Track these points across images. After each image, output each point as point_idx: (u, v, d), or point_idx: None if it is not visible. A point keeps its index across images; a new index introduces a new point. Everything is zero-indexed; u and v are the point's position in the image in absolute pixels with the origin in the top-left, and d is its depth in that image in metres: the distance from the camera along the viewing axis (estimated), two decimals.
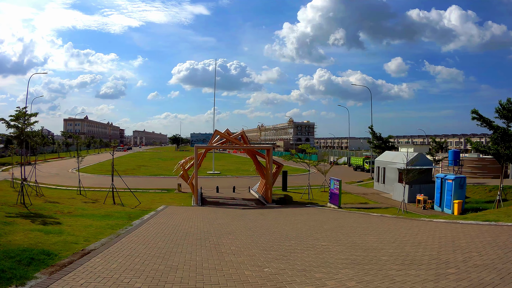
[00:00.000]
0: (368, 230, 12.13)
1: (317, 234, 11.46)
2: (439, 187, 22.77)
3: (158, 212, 17.25)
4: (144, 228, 11.76)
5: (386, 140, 37.62)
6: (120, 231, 10.87)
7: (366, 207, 22.18)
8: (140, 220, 13.64)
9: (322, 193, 28.61)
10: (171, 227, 12.59)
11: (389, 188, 29.26)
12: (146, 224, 12.78)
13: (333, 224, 14.27)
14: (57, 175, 39.55)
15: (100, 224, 12.22)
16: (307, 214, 18.27)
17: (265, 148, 24.78)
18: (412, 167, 27.17)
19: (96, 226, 11.83)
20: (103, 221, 13.13)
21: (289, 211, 19.54)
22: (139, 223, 12.77)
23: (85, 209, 18.18)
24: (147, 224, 12.69)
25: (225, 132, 24.79)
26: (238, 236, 10.89)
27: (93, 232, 10.36)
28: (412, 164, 27.44)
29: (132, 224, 12.51)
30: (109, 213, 16.23)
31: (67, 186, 28.56)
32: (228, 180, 37.46)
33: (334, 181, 22.23)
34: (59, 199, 21.76)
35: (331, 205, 22.11)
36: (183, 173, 26.19)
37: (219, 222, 14.32)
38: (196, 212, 18.06)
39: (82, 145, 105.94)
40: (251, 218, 16.23)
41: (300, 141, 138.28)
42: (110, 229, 11.11)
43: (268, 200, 23.51)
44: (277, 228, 13.17)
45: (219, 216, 16.47)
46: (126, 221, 13.28)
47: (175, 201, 23.61)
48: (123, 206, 20.36)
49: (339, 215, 17.72)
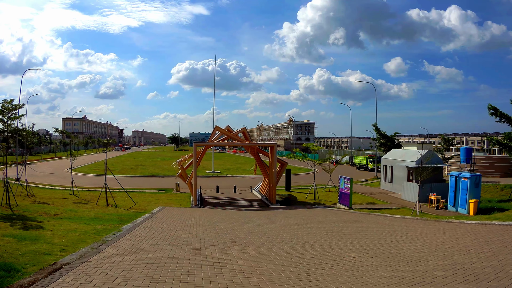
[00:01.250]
0: (396, 235, 10.68)
1: (339, 241, 10.01)
2: (453, 185, 21.47)
3: (153, 214, 15.85)
4: (134, 235, 10.29)
5: (392, 138, 36.16)
6: (106, 237, 9.42)
7: (376, 208, 20.79)
8: (131, 224, 12.19)
9: (327, 193, 27.25)
10: (166, 232, 11.09)
11: (397, 188, 27.96)
12: (138, 229, 11.33)
13: (352, 228, 12.86)
14: (52, 174, 38.25)
15: (86, 229, 10.80)
16: (318, 216, 16.80)
17: (269, 145, 23.25)
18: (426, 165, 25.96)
19: (81, 231, 10.41)
20: (90, 225, 11.71)
21: (297, 213, 18.06)
22: (130, 228, 11.33)
23: (74, 210, 16.79)
24: (139, 229, 11.24)
25: (226, 128, 23.34)
26: (245, 245, 9.36)
27: (74, 239, 8.94)
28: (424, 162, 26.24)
29: (121, 229, 11.06)
30: (99, 216, 14.81)
31: (60, 186, 27.24)
32: (228, 180, 36.15)
33: (344, 180, 20.74)
34: (49, 200, 20.51)
35: (341, 206, 20.64)
36: (181, 172, 24.76)
37: (221, 227, 12.86)
38: (195, 214, 16.64)
39: (80, 144, 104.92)
40: (257, 222, 14.79)
41: (300, 140, 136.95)
42: (95, 235, 9.69)
43: (272, 200, 22.04)
44: (289, 233, 11.71)
45: (220, 219, 15.00)
46: (116, 225, 11.84)
47: (172, 201, 22.22)
48: (116, 207, 19.06)
49: (354, 217, 16.24)
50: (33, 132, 71.14)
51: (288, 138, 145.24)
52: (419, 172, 20.05)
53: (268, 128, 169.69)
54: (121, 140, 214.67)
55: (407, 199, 24.36)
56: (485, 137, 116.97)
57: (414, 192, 24.05)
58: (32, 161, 53.24)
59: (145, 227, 11.85)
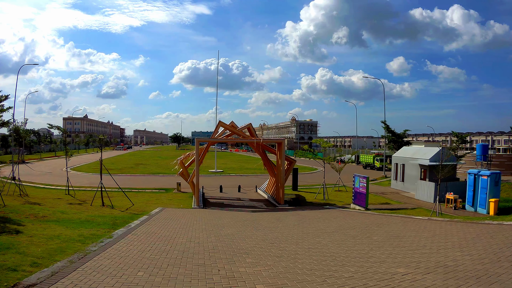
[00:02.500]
0: (437, 241, 9.14)
1: (374, 251, 8.36)
2: (471, 184, 20.18)
3: (151, 216, 14.42)
4: (126, 243, 8.79)
5: (402, 135, 34.57)
6: (92, 246, 7.95)
7: (391, 208, 19.29)
8: (125, 229, 10.75)
9: (336, 193, 25.78)
10: (163, 240, 9.48)
11: (410, 187, 26.49)
12: (131, 234, 9.87)
13: (381, 233, 11.24)
14: (49, 173, 37.06)
15: (71, 235, 9.35)
16: (335, 219, 15.25)
17: (276, 141, 21.65)
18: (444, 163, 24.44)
19: (64, 237, 8.97)
20: (77, 230, 10.28)
21: (309, 215, 16.51)
22: (122, 234, 9.86)
23: (65, 212, 15.42)
24: (133, 235, 9.77)
25: (230, 124, 21.88)
26: (261, 258, 7.57)
27: (53, 249, 7.49)
28: (436, 159, 24.79)
29: (112, 235, 9.59)
30: (91, 218, 13.38)
31: (56, 186, 26.05)
32: (231, 179, 34.84)
33: (359, 178, 19.16)
34: (42, 200, 19.31)
35: (356, 206, 19.11)
36: (183, 170, 23.33)
37: (228, 233, 11.23)
38: (197, 217, 15.19)
39: (81, 143, 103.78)
40: (267, 225, 13.25)
41: (303, 139, 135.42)
42: (79, 243, 8.24)
43: (280, 201, 20.55)
44: (309, 241, 10.02)
45: (225, 223, 13.48)
46: (107, 230, 10.40)
47: (173, 202, 20.83)
48: (112, 208, 17.70)
49: (376, 219, 14.64)
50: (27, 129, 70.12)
51: (291, 137, 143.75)
52: (434, 170, 18.60)
53: (270, 128, 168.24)
54: (123, 139, 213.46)
55: (421, 199, 22.96)
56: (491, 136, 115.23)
57: (429, 191, 22.64)
58: (31, 160, 53.00)
59: (140, 232, 10.38)
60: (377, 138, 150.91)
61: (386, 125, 35.28)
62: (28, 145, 70.23)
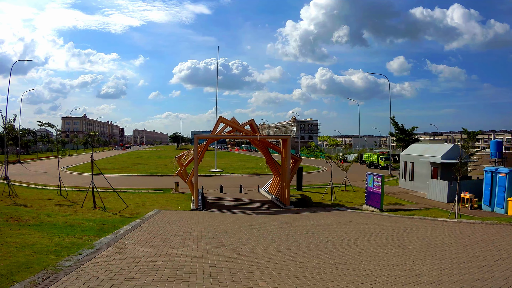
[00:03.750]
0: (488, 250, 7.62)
1: (421, 266, 6.59)
2: (488, 182, 18.94)
3: (145, 220, 13.03)
4: (107, 256, 7.32)
5: (410, 132, 33.16)
6: (65, 261, 6.52)
7: (404, 209, 17.92)
8: (112, 236, 9.35)
9: (343, 193, 24.42)
10: (154, 252, 7.87)
11: (420, 186, 25.15)
12: (117, 244, 8.45)
13: (415, 241, 9.32)
14: (44, 173, 35.89)
15: (48, 244, 7.95)
16: (350, 222, 13.69)
17: (281, 138, 20.14)
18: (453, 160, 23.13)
19: (39, 247, 7.58)
20: (57, 237, 8.89)
21: (320, 218, 15.06)
22: (107, 243, 8.45)
23: (51, 215, 14.08)
24: (119, 245, 8.36)
25: (231, 121, 20.52)
26: (276, 279, 5.94)
27: (19, 263, 6.08)
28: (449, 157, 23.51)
29: (94, 244, 8.14)
30: (77, 222, 12.01)
31: (49, 186, 24.94)
32: (232, 179, 33.51)
33: (373, 177, 17.73)
34: (31, 201, 18.11)
35: (369, 208, 17.68)
36: (181, 169, 21.97)
37: (231, 241, 9.57)
38: (195, 220, 13.79)
39: (79, 143, 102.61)
40: (276, 231, 11.69)
41: (304, 139, 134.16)
42: (53, 256, 6.83)
43: (285, 202, 19.15)
44: (332, 252, 8.27)
45: (228, 228, 12.01)
46: (91, 238, 9.00)
47: (170, 203, 19.47)
48: (104, 210, 16.35)
49: (397, 222, 12.98)
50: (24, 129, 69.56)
51: (291, 136, 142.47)
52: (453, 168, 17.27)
53: (270, 127, 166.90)
54: (122, 139, 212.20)
55: (434, 199, 21.68)
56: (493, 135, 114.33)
57: (442, 190, 21.34)
58: (27, 160, 52.23)
59: (128, 241, 8.95)
60: (378, 137, 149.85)
61: (394, 122, 33.83)
62: (24, 144, 69.40)
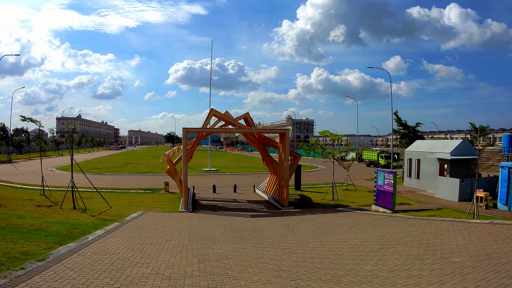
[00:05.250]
0: None
1: None
2: (505, 179, 17.43)
3: (124, 223, 11.37)
4: (53, 274, 5.56)
5: (414, 129, 31.62)
6: None
7: (414, 209, 16.34)
8: (75, 244, 7.66)
9: (345, 192, 22.84)
10: (115, 270, 6.04)
11: (426, 184, 23.64)
12: (76, 256, 6.76)
13: (458, 251, 7.47)
14: (33, 173, 34.46)
15: None
16: (364, 227, 11.92)
17: (279, 131, 18.26)
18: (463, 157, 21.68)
19: None
20: (11, 244, 7.20)
21: (326, 221, 13.42)
22: (65, 253, 6.76)
23: (22, 216, 12.53)
24: (77, 257, 6.67)
25: (224, 114, 18.82)
26: None
27: None
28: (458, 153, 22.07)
29: (47, 256, 6.40)
30: (45, 226, 10.36)
31: (34, 185, 23.46)
32: (226, 178, 31.90)
33: (384, 174, 16.04)
34: (10, 201, 16.96)
35: (379, 208, 16.01)
36: (170, 167, 20.28)
37: (219, 254, 7.64)
38: (181, 224, 12.12)
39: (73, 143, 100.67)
40: (276, 238, 9.83)
41: (300, 138, 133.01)
42: None
43: (284, 202, 17.46)
44: (357, 272, 6.26)
45: (217, 235, 10.14)
46: (50, 246, 7.32)
47: (158, 204, 17.82)
48: (83, 212, 14.75)
49: (423, 226, 11.24)
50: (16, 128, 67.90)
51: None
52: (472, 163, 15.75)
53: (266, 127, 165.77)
54: (117, 139, 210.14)
55: (443, 198, 20.13)
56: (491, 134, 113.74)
57: (453, 189, 19.82)
58: (19, 160, 51.46)
59: (91, 251, 7.25)
60: (374, 137, 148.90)
61: (397, 117, 32.24)
62: (15, 144, 67.93)
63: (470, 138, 32.48)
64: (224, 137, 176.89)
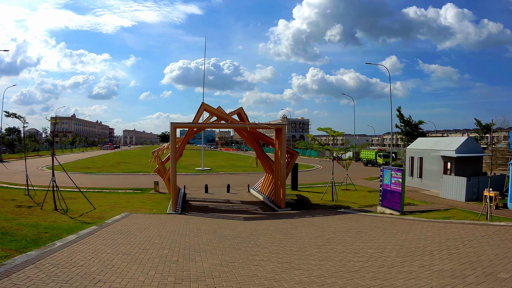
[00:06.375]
0: None
1: None
2: None
3: (103, 227, 10.19)
4: None
5: (417, 126, 30.50)
6: None
7: (420, 210, 15.24)
8: (38, 252, 6.51)
9: (345, 192, 21.75)
10: None
11: (429, 184, 22.59)
12: (31, 268, 5.52)
13: (498, 261, 6.34)
14: (22, 172, 33.27)
15: None
16: (372, 231, 10.63)
17: (275, 127, 16.98)
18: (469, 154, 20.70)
19: None
20: None
21: (329, 224, 12.23)
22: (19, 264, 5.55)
23: None
24: (31, 270, 5.40)
25: (217, 109, 17.61)
26: None
27: None
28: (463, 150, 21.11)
29: None
30: (14, 229, 9.28)
31: (21, 185, 22.54)
32: (220, 178, 30.73)
33: (391, 172, 14.74)
34: None
35: (386, 210, 14.77)
36: (159, 166, 19.07)
37: (203, 270, 6.30)
38: (166, 229, 10.94)
39: (66, 143, 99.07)
40: (273, 248, 8.34)
41: (295, 138, 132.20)
42: None
43: (280, 203, 16.28)
44: None
45: (204, 243, 8.70)
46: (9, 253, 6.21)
47: (146, 205, 16.64)
48: (64, 213, 13.73)
49: (442, 230, 9.92)
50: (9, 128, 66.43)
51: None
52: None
53: None
54: (112, 139, 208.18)
55: (449, 197, 19.06)
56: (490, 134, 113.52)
57: (459, 188, 18.76)
58: (10, 159, 50.41)
59: (51, 262, 6.04)
60: (370, 136, 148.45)
61: (400, 114, 31.02)
62: (7, 143, 66.59)
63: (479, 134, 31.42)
64: (219, 137, 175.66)
